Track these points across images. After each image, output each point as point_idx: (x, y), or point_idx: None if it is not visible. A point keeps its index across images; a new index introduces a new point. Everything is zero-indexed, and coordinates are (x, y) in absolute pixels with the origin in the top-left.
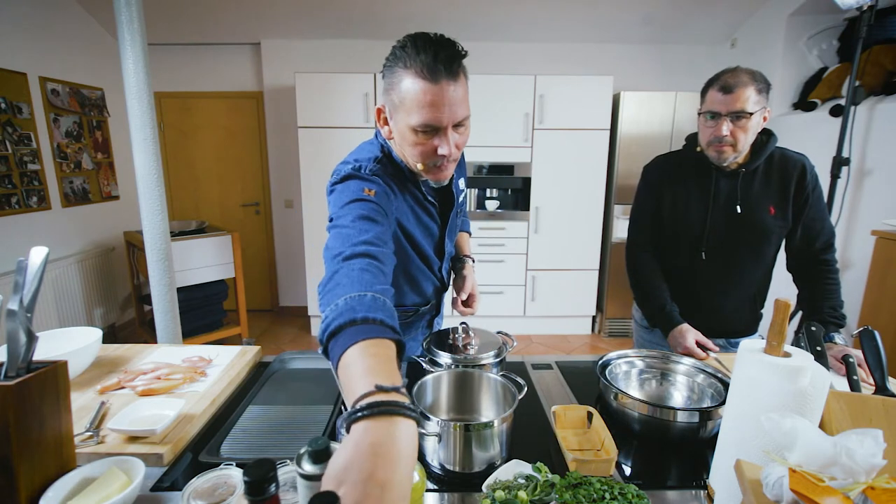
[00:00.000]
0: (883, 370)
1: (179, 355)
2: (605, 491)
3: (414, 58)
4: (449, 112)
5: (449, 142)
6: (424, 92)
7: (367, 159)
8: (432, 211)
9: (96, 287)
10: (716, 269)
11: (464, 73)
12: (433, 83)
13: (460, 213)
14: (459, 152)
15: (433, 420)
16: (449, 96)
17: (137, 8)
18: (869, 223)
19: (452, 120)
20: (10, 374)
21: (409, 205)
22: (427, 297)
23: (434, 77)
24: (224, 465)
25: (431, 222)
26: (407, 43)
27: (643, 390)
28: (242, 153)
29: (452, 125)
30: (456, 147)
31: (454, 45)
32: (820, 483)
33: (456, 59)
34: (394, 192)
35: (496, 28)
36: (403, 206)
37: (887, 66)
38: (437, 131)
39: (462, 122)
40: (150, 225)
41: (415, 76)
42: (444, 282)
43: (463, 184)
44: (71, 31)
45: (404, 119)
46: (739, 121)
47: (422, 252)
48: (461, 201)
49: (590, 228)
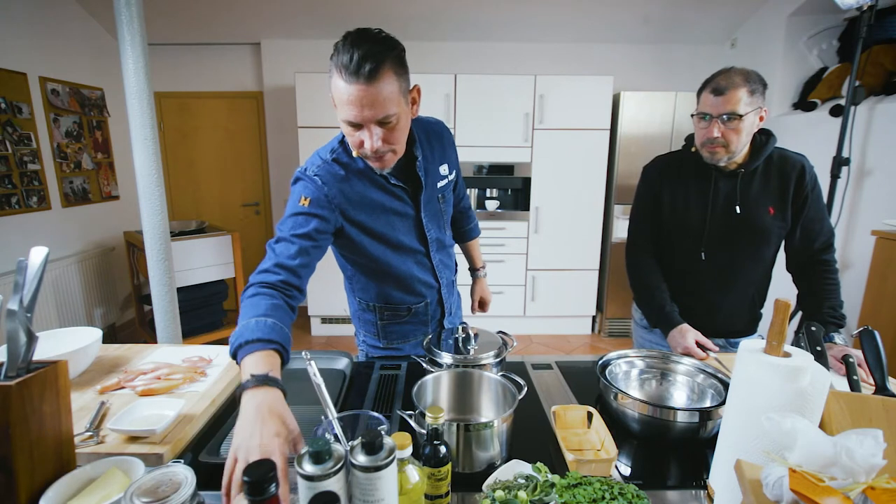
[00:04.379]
0: (883, 370)
1: (179, 355)
2: (604, 491)
3: (338, 57)
4: (369, 111)
5: (372, 137)
6: (343, 91)
7: (318, 157)
8: (401, 195)
9: (96, 287)
10: (715, 269)
11: (393, 71)
12: (350, 84)
13: (443, 199)
14: (390, 146)
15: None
16: (366, 96)
17: (137, 8)
18: (869, 223)
19: (373, 118)
20: (10, 374)
21: (369, 190)
22: (418, 294)
23: (351, 78)
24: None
25: (402, 205)
26: (339, 41)
27: (643, 390)
28: (242, 153)
29: (375, 122)
30: (384, 142)
31: (378, 43)
32: (820, 483)
33: (373, 60)
34: (341, 181)
35: (496, 28)
36: (358, 192)
37: (887, 66)
38: (360, 127)
39: (387, 119)
40: (150, 225)
41: (338, 75)
42: (436, 274)
43: (446, 169)
44: (71, 31)
45: (338, 113)
46: (731, 122)
47: (393, 241)
48: (443, 186)
49: (590, 228)
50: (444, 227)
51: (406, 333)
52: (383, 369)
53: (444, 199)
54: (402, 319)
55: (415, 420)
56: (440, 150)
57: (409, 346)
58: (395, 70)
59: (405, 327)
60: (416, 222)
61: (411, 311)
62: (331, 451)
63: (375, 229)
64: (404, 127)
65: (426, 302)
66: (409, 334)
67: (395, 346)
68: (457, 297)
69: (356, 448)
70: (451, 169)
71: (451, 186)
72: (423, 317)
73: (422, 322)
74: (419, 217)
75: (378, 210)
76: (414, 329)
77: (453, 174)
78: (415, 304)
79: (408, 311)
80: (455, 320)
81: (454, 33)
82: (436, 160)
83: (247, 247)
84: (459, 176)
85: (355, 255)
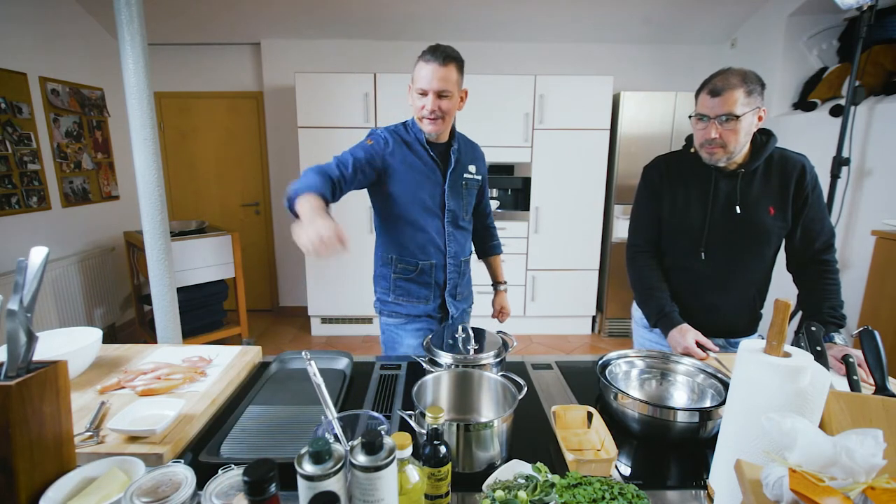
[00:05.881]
0: (883, 370)
1: (179, 355)
2: (604, 491)
3: (424, 54)
4: (436, 83)
5: (430, 102)
6: (423, 68)
7: (385, 128)
8: (434, 166)
9: (96, 287)
10: (715, 270)
11: (456, 66)
12: (428, 63)
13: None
14: (442, 112)
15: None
16: (437, 73)
17: (137, 8)
18: (869, 223)
19: (437, 88)
20: (10, 374)
21: (412, 157)
22: (426, 252)
23: (430, 59)
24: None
25: (433, 173)
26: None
27: (643, 390)
28: (242, 153)
29: (436, 92)
30: (439, 109)
31: (452, 49)
32: (820, 483)
33: (446, 53)
34: (398, 144)
35: (496, 28)
36: (405, 156)
37: (887, 66)
38: (426, 95)
39: (445, 93)
40: (150, 225)
41: (422, 63)
42: (446, 241)
43: (474, 169)
44: (71, 31)
45: (412, 91)
46: (728, 123)
47: (418, 196)
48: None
49: (590, 228)
50: (463, 210)
51: (411, 291)
52: (383, 369)
53: (468, 187)
54: (409, 276)
55: (415, 420)
56: (471, 156)
57: (411, 306)
58: (457, 67)
59: (411, 285)
60: (440, 191)
61: (418, 268)
62: (331, 451)
63: (407, 181)
64: (452, 107)
65: (432, 263)
66: (413, 293)
67: (400, 301)
68: (466, 285)
69: (356, 448)
70: (479, 173)
71: (476, 185)
72: (427, 278)
73: (425, 284)
74: (443, 188)
75: (415, 168)
76: (418, 289)
77: (480, 178)
78: (422, 261)
79: (415, 268)
80: (461, 305)
81: (454, 33)
82: (467, 159)
83: (246, 247)
84: (486, 192)
85: (387, 203)
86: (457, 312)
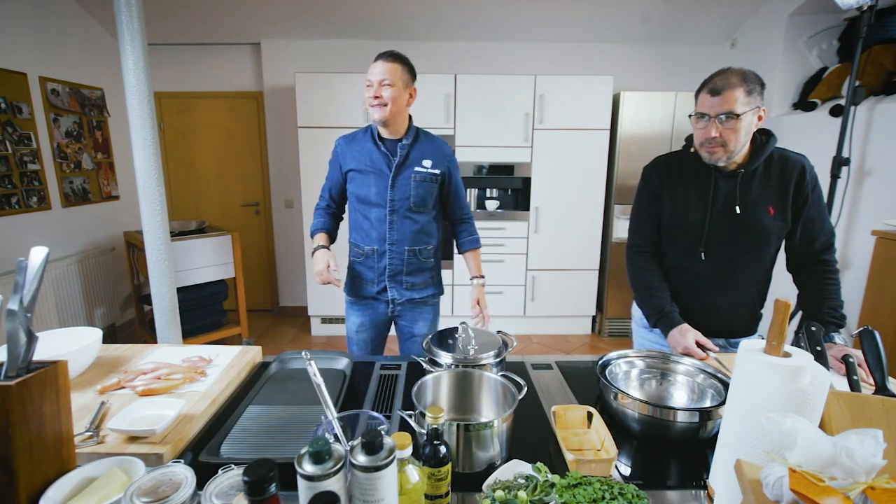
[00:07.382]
0: (883, 370)
1: (179, 355)
2: (604, 491)
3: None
4: (378, 76)
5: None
6: (371, 67)
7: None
8: (381, 159)
9: (96, 287)
10: (715, 270)
11: (401, 65)
12: (376, 60)
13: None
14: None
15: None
16: (380, 67)
17: (137, 8)
18: (869, 223)
19: (377, 79)
20: (10, 374)
21: (362, 153)
22: (369, 238)
23: (379, 58)
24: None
25: (382, 164)
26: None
27: (643, 390)
28: (242, 153)
29: (379, 82)
30: (382, 96)
31: (401, 53)
32: (820, 483)
33: (393, 54)
34: (348, 145)
35: (496, 28)
36: (354, 152)
37: (887, 66)
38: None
39: (384, 82)
40: (150, 225)
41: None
42: (389, 230)
43: (429, 164)
44: (71, 31)
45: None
46: (728, 122)
47: (366, 190)
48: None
49: (590, 228)
50: (411, 201)
51: (362, 274)
52: (383, 369)
53: (419, 180)
54: (359, 259)
55: (415, 420)
56: (431, 154)
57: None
58: (403, 65)
59: (361, 268)
60: (386, 182)
61: (364, 253)
62: (331, 451)
63: (356, 173)
64: (397, 98)
65: (374, 248)
66: (362, 275)
67: (354, 283)
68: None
69: (356, 448)
70: (436, 168)
71: (432, 179)
72: (371, 262)
73: (370, 268)
74: (389, 179)
75: (362, 161)
76: (365, 271)
77: (438, 173)
78: (366, 247)
79: (362, 253)
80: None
81: (454, 33)
82: (421, 154)
83: (246, 247)
84: (457, 188)
85: (348, 195)
86: (401, 298)
